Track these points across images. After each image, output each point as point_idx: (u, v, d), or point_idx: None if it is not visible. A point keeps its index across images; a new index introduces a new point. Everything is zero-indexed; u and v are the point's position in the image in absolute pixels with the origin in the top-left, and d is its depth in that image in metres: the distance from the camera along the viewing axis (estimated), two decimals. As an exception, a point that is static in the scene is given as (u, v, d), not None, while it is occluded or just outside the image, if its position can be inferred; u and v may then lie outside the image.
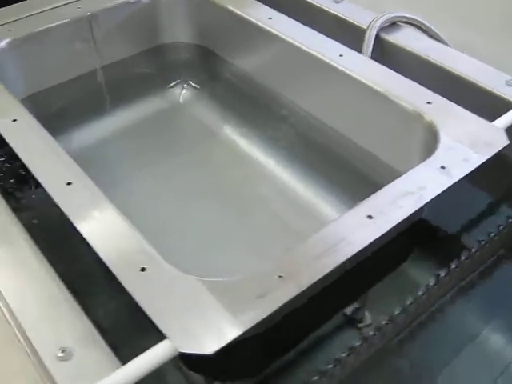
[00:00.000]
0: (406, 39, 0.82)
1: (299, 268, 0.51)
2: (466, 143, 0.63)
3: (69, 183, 0.59)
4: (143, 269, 0.51)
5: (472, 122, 0.66)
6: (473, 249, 0.65)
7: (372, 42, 0.81)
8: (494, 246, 0.66)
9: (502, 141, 0.64)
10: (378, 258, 0.62)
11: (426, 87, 0.72)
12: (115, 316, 0.53)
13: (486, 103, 0.72)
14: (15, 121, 0.66)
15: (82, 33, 0.85)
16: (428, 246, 0.69)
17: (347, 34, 0.86)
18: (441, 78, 0.77)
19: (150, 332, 0.48)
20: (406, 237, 0.66)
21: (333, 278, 0.56)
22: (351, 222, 0.55)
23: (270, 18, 0.84)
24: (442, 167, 0.60)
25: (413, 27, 0.84)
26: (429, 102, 0.69)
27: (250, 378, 0.57)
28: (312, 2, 0.91)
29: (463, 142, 0.63)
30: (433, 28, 0.83)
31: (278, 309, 0.48)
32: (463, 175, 0.60)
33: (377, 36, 0.82)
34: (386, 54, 0.82)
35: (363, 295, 0.65)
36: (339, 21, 0.87)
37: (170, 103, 0.94)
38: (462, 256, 0.64)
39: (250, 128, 0.89)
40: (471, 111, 0.68)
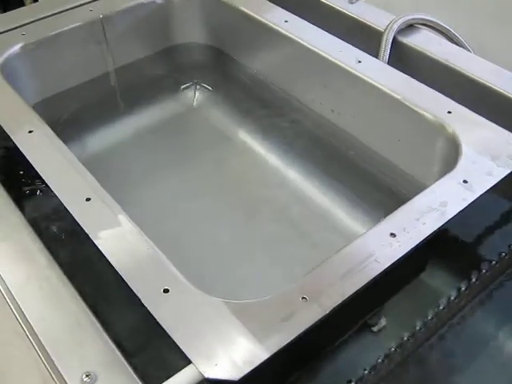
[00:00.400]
0: (425, 43, 0.81)
1: (323, 289, 0.51)
2: (488, 156, 0.63)
3: (88, 199, 0.58)
4: (166, 290, 0.51)
5: (494, 132, 0.66)
6: (493, 261, 0.65)
7: (389, 46, 0.80)
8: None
9: (524, 153, 0.63)
10: (396, 270, 0.62)
11: (445, 93, 0.71)
12: (138, 338, 0.53)
13: (507, 111, 0.71)
14: (31, 132, 0.66)
15: (95, 35, 0.84)
16: (447, 256, 0.69)
17: (363, 36, 0.85)
18: (460, 84, 0.76)
19: (174, 354, 0.48)
20: (426, 247, 0.65)
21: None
22: (374, 241, 0.55)
23: (286, 21, 0.83)
24: (465, 181, 0.60)
25: (431, 30, 0.83)
26: (449, 112, 0.68)
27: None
28: (327, 3, 0.89)
29: (485, 155, 0.63)
30: (452, 31, 0.81)
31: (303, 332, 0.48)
32: (485, 190, 0.59)
33: (394, 39, 0.81)
34: (403, 57, 0.81)
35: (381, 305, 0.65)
36: (355, 22, 0.86)
37: (184, 106, 0.93)
38: (483, 268, 0.64)
39: (265, 133, 0.88)
40: (492, 120, 0.67)
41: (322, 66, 0.78)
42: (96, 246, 0.53)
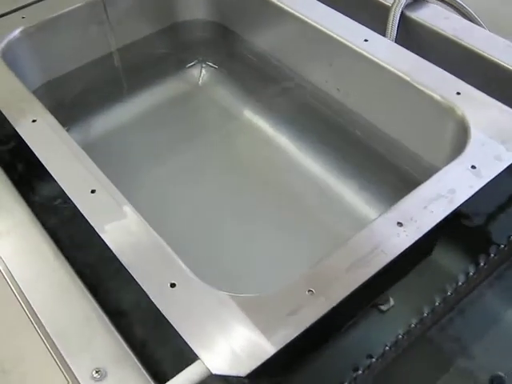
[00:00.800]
0: (434, 18, 0.78)
1: (329, 282, 0.51)
2: (498, 139, 0.61)
3: (93, 191, 0.58)
4: (173, 284, 0.51)
5: (504, 114, 0.64)
6: (501, 245, 0.64)
7: (397, 21, 0.78)
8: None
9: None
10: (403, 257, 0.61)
11: (455, 71, 0.69)
12: (147, 333, 0.53)
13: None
14: (35, 121, 0.65)
15: (97, 16, 0.83)
16: (456, 239, 0.68)
17: (370, 10, 0.83)
18: (471, 62, 0.74)
19: (182, 349, 0.48)
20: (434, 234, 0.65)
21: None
22: (381, 231, 0.54)
23: (291, -3, 0.81)
24: (473, 167, 0.59)
25: (441, 3, 0.81)
26: (458, 93, 0.66)
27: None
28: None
29: (495, 138, 0.62)
30: (463, 4, 0.79)
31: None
32: (494, 176, 0.58)
33: (402, 14, 0.79)
34: (411, 33, 0.79)
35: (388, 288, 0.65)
36: (362, -4, 0.84)
37: (189, 84, 0.92)
38: (491, 252, 0.63)
39: (271, 111, 0.87)
40: (503, 99, 0.66)
41: (327, 44, 0.76)
42: (102, 240, 0.53)
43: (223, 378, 0.47)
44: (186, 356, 0.47)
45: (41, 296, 0.52)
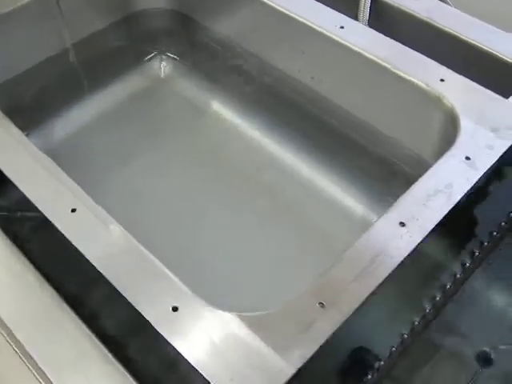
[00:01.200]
0: None
1: (339, 293, 0.49)
2: (488, 127, 0.60)
3: (73, 210, 0.54)
4: (175, 308, 0.48)
5: (490, 100, 0.63)
6: (493, 232, 0.64)
7: (369, 5, 0.76)
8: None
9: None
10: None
11: (432, 56, 0.68)
12: (152, 359, 0.50)
13: (498, 72, 0.68)
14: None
15: (50, 10, 0.76)
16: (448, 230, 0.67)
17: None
18: (448, 45, 0.72)
19: (194, 376, 0.45)
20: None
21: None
22: (384, 233, 0.53)
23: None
24: (467, 158, 0.58)
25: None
26: (442, 80, 0.65)
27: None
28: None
29: (484, 126, 0.61)
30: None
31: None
32: (489, 166, 0.57)
33: (372, -4, 0.77)
34: (384, 16, 0.77)
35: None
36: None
37: (150, 78, 0.87)
38: (484, 241, 0.63)
39: (240, 102, 0.83)
40: (484, 85, 0.65)
41: (298, 31, 0.73)
42: (93, 266, 0.49)
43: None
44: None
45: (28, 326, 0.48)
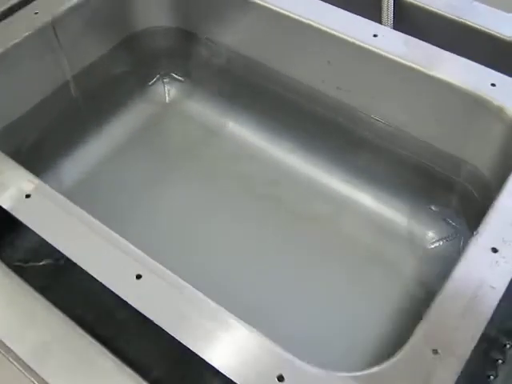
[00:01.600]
0: (429, -3, 0.73)
1: (450, 334, 0.45)
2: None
3: (138, 276, 0.48)
4: (281, 378, 0.43)
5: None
6: None
7: (392, 7, 0.72)
8: None
9: None
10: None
11: (461, 54, 0.65)
12: None
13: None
14: (29, 197, 0.53)
15: (48, 43, 0.69)
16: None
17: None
18: (478, 41, 0.69)
19: None
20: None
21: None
22: (478, 262, 0.49)
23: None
24: (538, 168, 0.55)
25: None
26: (493, 84, 0.61)
27: None
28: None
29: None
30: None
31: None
32: None
33: (394, -2, 0.72)
34: (408, 18, 0.73)
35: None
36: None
37: (155, 104, 0.81)
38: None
39: (259, 122, 0.78)
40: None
41: (325, 41, 0.68)
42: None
43: None
44: None
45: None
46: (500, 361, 0.54)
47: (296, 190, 0.73)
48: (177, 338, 0.44)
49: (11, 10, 0.68)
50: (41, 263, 0.63)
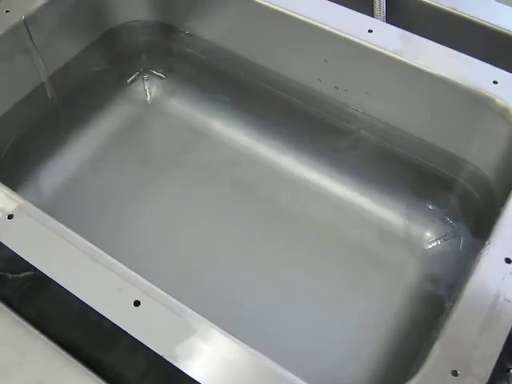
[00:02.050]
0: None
1: (469, 352, 0.43)
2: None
3: (137, 303, 0.45)
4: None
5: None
6: None
7: (384, 0, 0.69)
8: None
9: None
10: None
11: (455, 47, 0.62)
12: None
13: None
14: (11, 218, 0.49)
15: (21, 42, 0.64)
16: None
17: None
18: (473, 36, 0.67)
19: None
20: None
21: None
22: (492, 274, 0.47)
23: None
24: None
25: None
26: (495, 82, 0.59)
27: None
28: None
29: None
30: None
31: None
32: None
33: (384, -12, 0.69)
34: (400, 10, 0.70)
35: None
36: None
37: (136, 104, 0.77)
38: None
39: (247, 119, 0.75)
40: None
41: (318, 38, 0.65)
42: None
43: None
44: None
45: None
46: (512, 370, 0.53)
47: (290, 192, 0.70)
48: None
49: (-21, 9, 0.63)
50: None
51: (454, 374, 0.42)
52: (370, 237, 0.68)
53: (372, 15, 0.69)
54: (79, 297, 0.44)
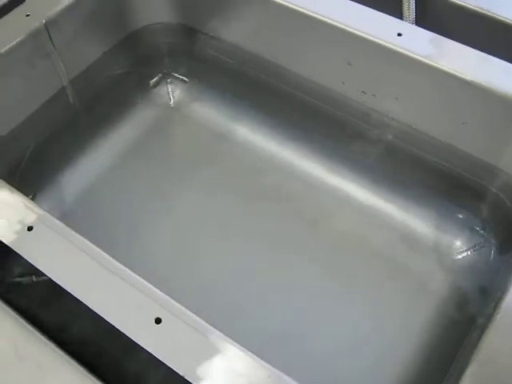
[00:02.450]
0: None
1: (507, 376, 0.41)
2: None
3: (158, 320, 0.43)
4: None
5: None
6: None
7: (414, 2, 0.66)
8: None
9: None
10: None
11: (489, 51, 0.60)
12: None
13: None
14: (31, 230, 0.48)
15: (42, 46, 0.63)
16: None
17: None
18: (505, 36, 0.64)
19: None
20: None
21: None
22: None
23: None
24: None
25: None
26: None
27: None
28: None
29: None
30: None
31: None
32: None
33: (414, -10, 0.67)
34: (431, 12, 0.67)
35: None
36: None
37: (160, 108, 0.75)
38: None
39: (273, 125, 0.73)
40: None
41: (343, 40, 0.63)
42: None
43: None
44: None
45: None
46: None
47: (316, 199, 0.68)
48: None
49: (-1, 13, 0.62)
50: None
51: (490, 402, 0.40)
52: (398, 246, 0.66)
53: (401, 18, 0.67)
54: (102, 315, 0.43)
